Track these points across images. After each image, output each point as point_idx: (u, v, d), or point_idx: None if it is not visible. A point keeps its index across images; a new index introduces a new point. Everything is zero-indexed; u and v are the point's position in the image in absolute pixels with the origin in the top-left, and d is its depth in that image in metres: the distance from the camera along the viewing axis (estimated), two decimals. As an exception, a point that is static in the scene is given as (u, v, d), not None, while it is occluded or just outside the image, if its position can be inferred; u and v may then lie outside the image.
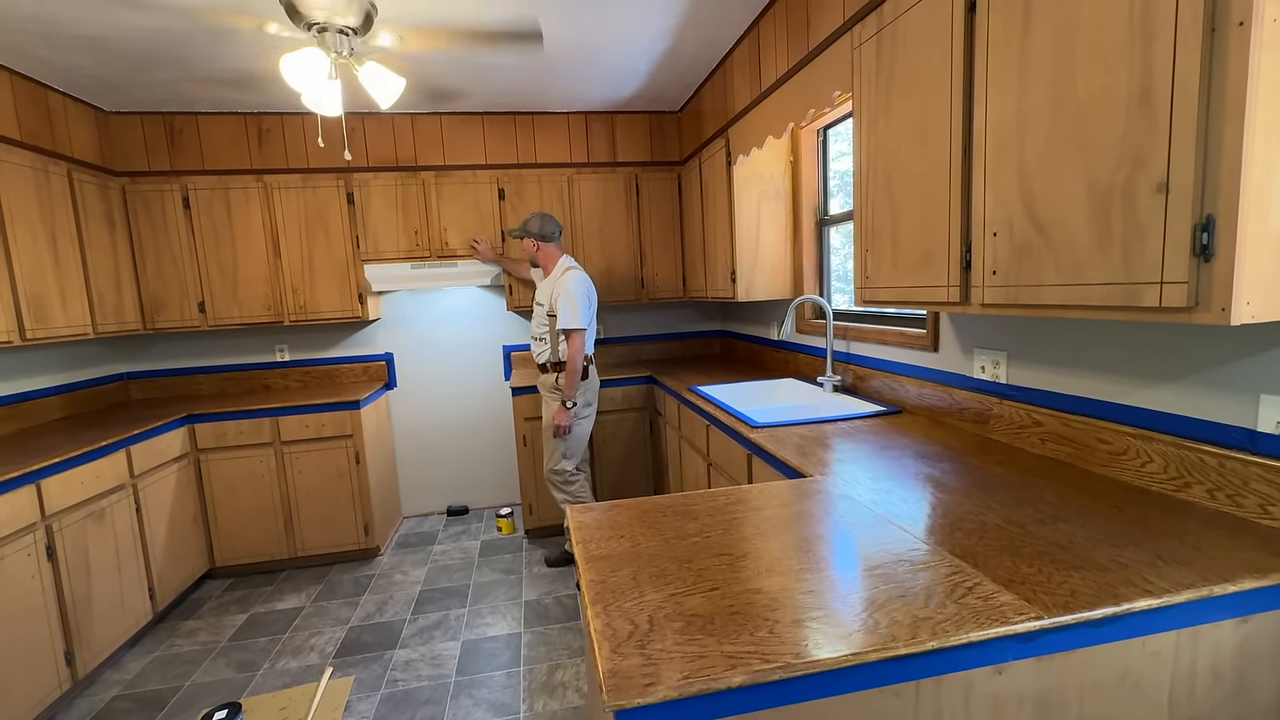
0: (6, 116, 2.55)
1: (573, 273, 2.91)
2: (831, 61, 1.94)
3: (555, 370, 2.97)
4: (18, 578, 2.04)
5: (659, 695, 0.76)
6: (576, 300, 2.84)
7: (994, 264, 1.29)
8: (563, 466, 3.03)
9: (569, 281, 2.87)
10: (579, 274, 2.94)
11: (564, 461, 3.02)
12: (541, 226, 2.97)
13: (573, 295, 2.84)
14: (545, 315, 2.95)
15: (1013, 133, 1.22)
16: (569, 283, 2.86)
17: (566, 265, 2.97)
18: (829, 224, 2.87)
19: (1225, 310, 0.89)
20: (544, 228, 2.97)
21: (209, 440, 3.12)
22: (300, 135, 3.37)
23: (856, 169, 1.78)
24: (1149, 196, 0.96)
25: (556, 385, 2.95)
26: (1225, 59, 0.86)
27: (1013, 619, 0.86)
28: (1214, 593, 0.91)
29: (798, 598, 0.95)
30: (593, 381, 3.05)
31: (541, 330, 2.99)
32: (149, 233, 3.23)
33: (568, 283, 2.87)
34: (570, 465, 3.04)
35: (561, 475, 3.05)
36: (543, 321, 2.98)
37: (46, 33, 2.31)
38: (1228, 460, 1.17)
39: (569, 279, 2.88)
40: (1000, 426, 1.73)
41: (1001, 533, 1.14)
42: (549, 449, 3.05)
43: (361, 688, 2.27)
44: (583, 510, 1.37)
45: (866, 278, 1.77)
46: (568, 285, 2.86)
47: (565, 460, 3.02)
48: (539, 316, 3.01)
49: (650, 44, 2.73)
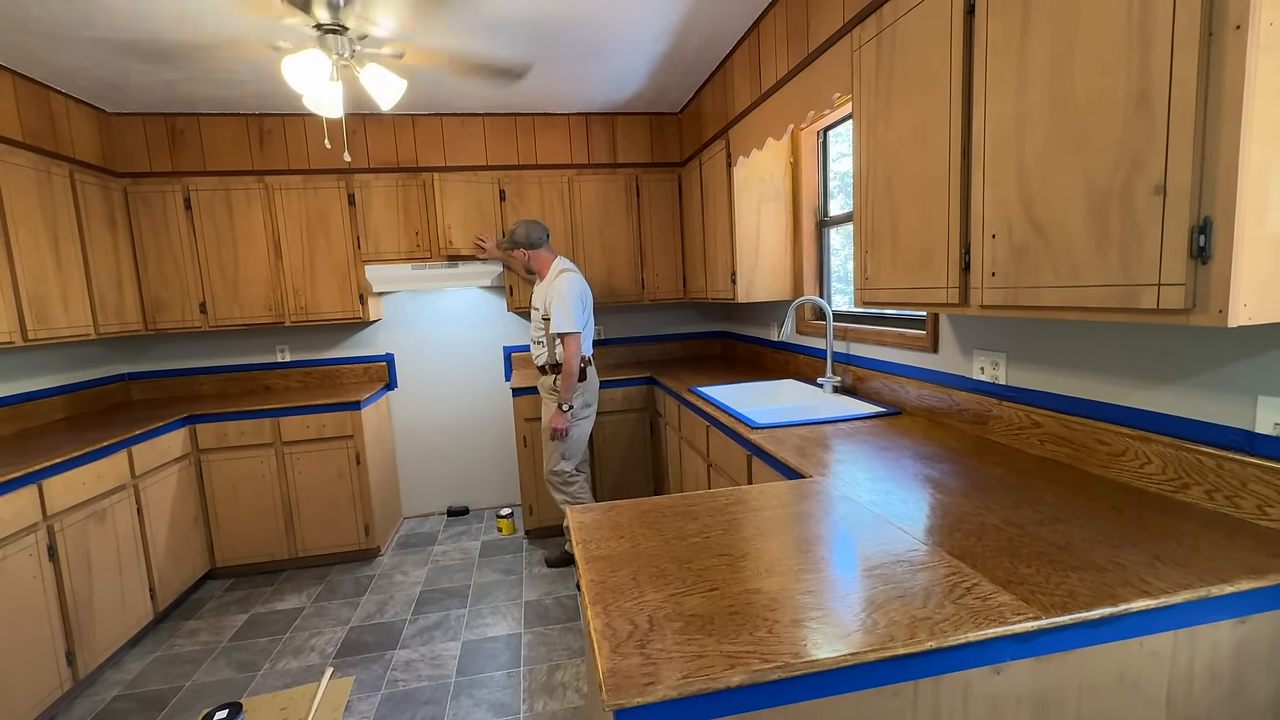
0: (9, 118, 2.56)
1: (566, 275, 2.92)
2: (831, 63, 1.94)
3: (554, 372, 2.97)
4: (19, 578, 2.05)
5: (658, 695, 0.76)
6: (570, 303, 2.84)
7: (993, 265, 1.29)
8: (562, 467, 3.03)
9: (562, 284, 2.87)
10: (573, 276, 2.94)
11: (563, 462, 3.03)
12: (528, 234, 2.96)
13: (566, 298, 2.84)
14: (541, 319, 2.96)
15: (1011, 135, 1.22)
16: (562, 285, 2.87)
17: (561, 268, 2.97)
18: (829, 225, 2.88)
19: (1223, 312, 0.89)
20: (530, 235, 2.97)
21: (210, 441, 3.12)
22: (302, 136, 3.38)
23: (856, 171, 1.78)
24: (1147, 198, 0.97)
25: (555, 387, 2.96)
26: (1222, 62, 0.86)
27: (1011, 619, 0.86)
28: (1211, 593, 0.92)
29: (797, 598, 0.95)
30: (592, 382, 3.05)
31: (539, 333, 3.00)
32: (150, 233, 3.23)
33: (561, 285, 2.87)
34: (570, 466, 3.04)
35: (561, 476, 3.05)
36: (539, 325, 2.98)
37: (49, 34, 2.32)
38: (1226, 461, 1.17)
39: (562, 281, 2.88)
40: (999, 427, 1.73)
41: (1000, 533, 1.14)
42: (548, 450, 3.05)
43: (362, 688, 2.28)
44: (583, 511, 1.37)
45: (866, 279, 1.77)
46: (561, 288, 2.86)
47: (564, 461, 3.03)
48: (536, 320, 3.02)
49: (650, 46, 2.74)
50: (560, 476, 3.05)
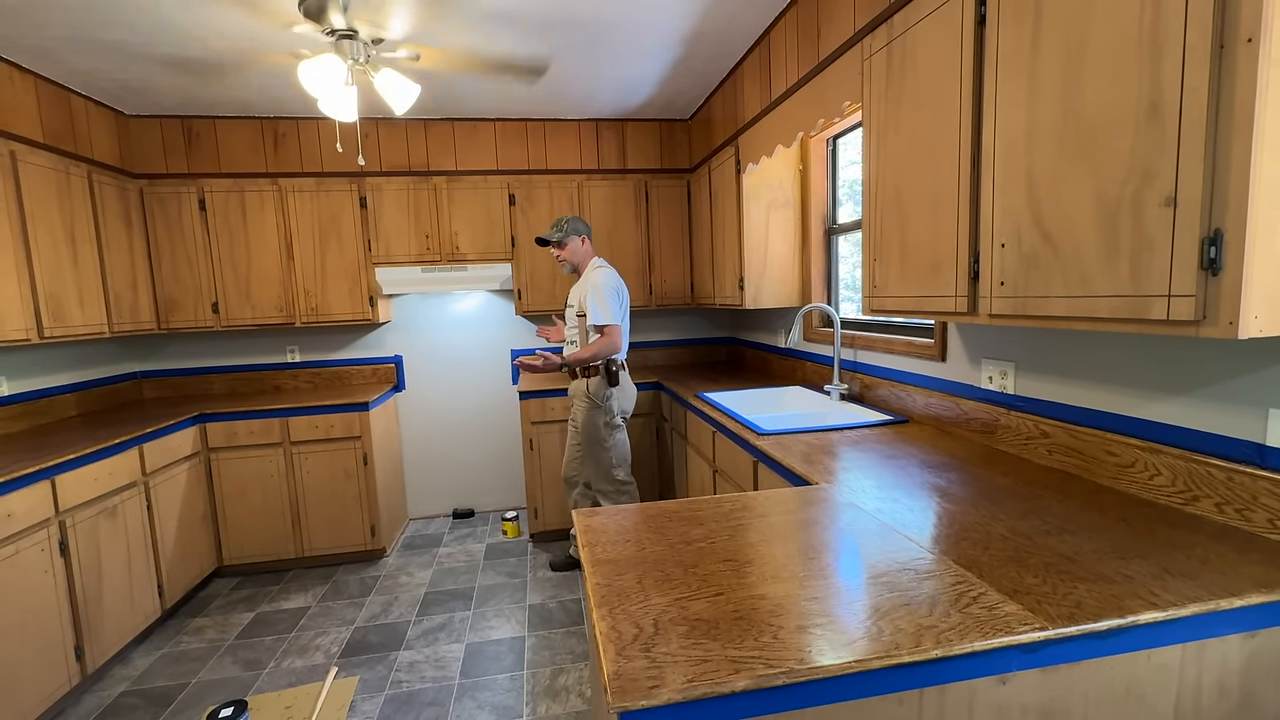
0: (30, 118, 2.60)
1: (603, 270, 2.86)
2: (841, 72, 1.95)
3: (586, 375, 2.86)
4: (31, 572, 2.07)
5: (663, 698, 0.76)
6: (606, 294, 2.75)
7: (1002, 275, 1.29)
8: (619, 475, 2.93)
9: (597, 277, 2.80)
10: (609, 270, 2.88)
11: (617, 470, 2.92)
12: (576, 225, 2.90)
13: (601, 289, 2.76)
14: (575, 315, 2.88)
15: (1022, 144, 1.22)
16: (597, 278, 2.80)
17: (597, 264, 2.91)
18: (837, 233, 2.88)
19: (1233, 324, 0.89)
20: (577, 226, 2.90)
21: (219, 439, 3.15)
22: (315, 139, 3.42)
23: (865, 179, 1.79)
24: (1157, 209, 0.97)
25: (588, 392, 2.85)
26: (1234, 75, 0.86)
27: (1017, 629, 0.86)
28: (1221, 606, 0.91)
29: (802, 604, 0.95)
30: (627, 388, 2.94)
31: (572, 332, 2.93)
32: (165, 234, 3.28)
33: (596, 277, 2.80)
34: (623, 473, 2.95)
35: (615, 484, 2.93)
36: (573, 323, 2.91)
37: (70, 38, 2.36)
38: (1236, 474, 1.17)
39: (598, 275, 2.82)
40: (1007, 437, 1.73)
41: (1007, 543, 1.14)
42: (595, 458, 2.90)
43: (366, 688, 2.28)
44: (589, 514, 1.38)
45: (874, 287, 1.77)
46: (596, 280, 2.79)
47: (617, 469, 2.92)
48: (570, 318, 2.95)
49: (661, 54, 2.76)
50: (614, 484, 2.93)
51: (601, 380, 2.83)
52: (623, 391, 2.90)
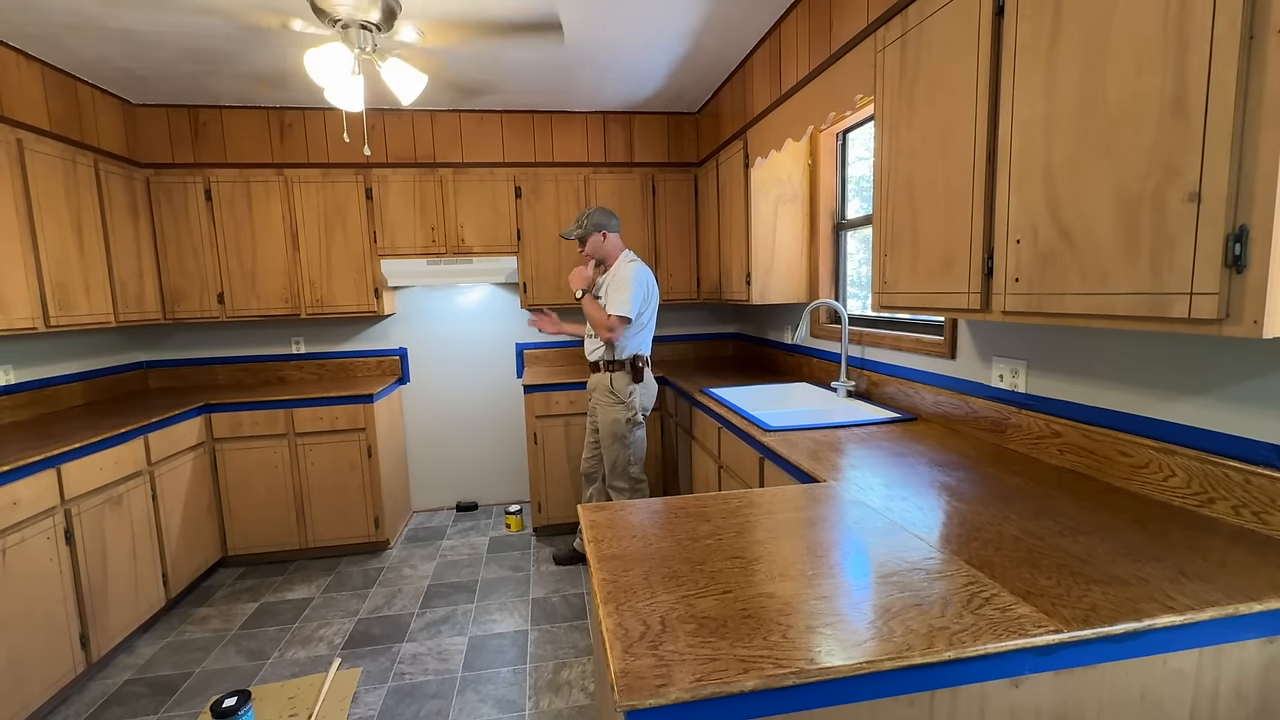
0: (38, 107, 2.60)
1: (635, 264, 2.80)
2: (854, 65, 1.92)
3: (609, 370, 2.83)
4: (37, 560, 2.07)
5: (671, 697, 0.75)
6: (630, 287, 2.68)
7: (1017, 271, 1.27)
8: (634, 472, 2.92)
9: (626, 270, 2.75)
10: (638, 265, 2.82)
11: (633, 467, 2.91)
12: (606, 219, 2.83)
13: (627, 281, 2.70)
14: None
15: (1039, 138, 1.20)
16: (626, 271, 2.75)
17: (629, 258, 2.85)
18: (846, 228, 2.85)
19: (1258, 323, 0.87)
20: (599, 220, 2.82)
21: (224, 430, 3.15)
22: (321, 130, 3.41)
23: (877, 173, 1.76)
24: (1180, 205, 0.94)
25: (611, 387, 2.82)
26: (1263, 67, 0.84)
27: (1031, 631, 0.85)
28: (1239, 611, 0.89)
29: (811, 603, 0.94)
30: (649, 385, 2.91)
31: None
32: (171, 224, 3.27)
33: (624, 271, 2.75)
34: (639, 470, 2.94)
35: (630, 481, 2.92)
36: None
37: (77, 25, 2.35)
38: (1254, 476, 1.14)
39: (629, 268, 2.76)
40: (1018, 436, 1.71)
41: (1019, 544, 1.12)
42: (613, 455, 2.88)
43: (369, 679, 2.28)
44: (594, 509, 1.37)
45: (884, 283, 1.75)
46: (623, 273, 2.74)
47: (633, 466, 2.91)
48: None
49: (671, 44, 2.73)
50: (629, 481, 2.92)
51: (626, 375, 2.81)
52: (645, 388, 2.89)
